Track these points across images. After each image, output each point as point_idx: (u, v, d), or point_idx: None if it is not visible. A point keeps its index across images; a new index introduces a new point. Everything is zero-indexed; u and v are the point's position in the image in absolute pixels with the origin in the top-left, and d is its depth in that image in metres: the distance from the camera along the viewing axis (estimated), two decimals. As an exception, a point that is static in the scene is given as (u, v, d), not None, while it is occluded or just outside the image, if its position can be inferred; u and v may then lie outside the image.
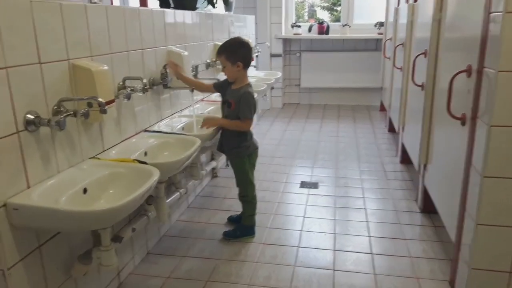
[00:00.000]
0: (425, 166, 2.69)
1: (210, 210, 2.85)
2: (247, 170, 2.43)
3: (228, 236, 2.47)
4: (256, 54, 4.46)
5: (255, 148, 2.45)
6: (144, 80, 2.00)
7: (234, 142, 2.38)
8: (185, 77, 2.40)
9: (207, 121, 2.30)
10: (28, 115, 1.37)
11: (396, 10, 4.29)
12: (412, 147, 3.20)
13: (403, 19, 3.79)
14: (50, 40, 1.46)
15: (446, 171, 2.21)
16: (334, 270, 2.17)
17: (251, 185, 2.46)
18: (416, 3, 3.24)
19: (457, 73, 1.84)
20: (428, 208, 2.74)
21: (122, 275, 2.08)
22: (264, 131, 4.78)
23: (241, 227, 2.50)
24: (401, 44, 3.75)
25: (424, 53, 2.76)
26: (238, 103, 2.29)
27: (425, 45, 2.77)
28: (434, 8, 2.45)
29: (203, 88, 2.52)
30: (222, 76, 3.36)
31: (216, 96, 3.26)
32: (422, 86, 2.79)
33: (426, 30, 2.74)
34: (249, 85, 2.34)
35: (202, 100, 3.08)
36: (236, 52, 2.26)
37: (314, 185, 3.24)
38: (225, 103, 2.37)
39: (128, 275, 2.13)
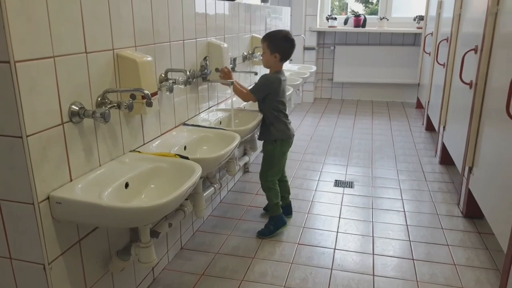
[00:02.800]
0: (470, 169, 2.55)
1: (242, 206, 2.79)
2: (275, 155, 2.41)
3: (263, 235, 2.40)
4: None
5: (289, 136, 2.41)
6: (188, 73, 1.94)
7: (269, 121, 2.37)
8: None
9: (224, 75, 2.33)
10: (73, 106, 1.33)
11: (440, 3, 4.09)
12: (455, 148, 3.05)
13: (448, 13, 3.61)
14: (97, 28, 1.41)
15: (498, 176, 2.08)
16: (374, 275, 2.08)
17: (274, 168, 2.43)
18: (466, -4, 3.06)
19: (522, 72, 1.71)
20: (471, 213, 2.61)
21: (156, 271, 2.04)
22: (295, 126, 4.67)
23: (272, 220, 2.44)
24: (445, 39, 3.58)
25: (475, 49, 2.60)
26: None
27: (475, 40, 2.61)
28: (490, 1, 2.30)
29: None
30: (257, 69, 3.30)
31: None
32: (470, 84, 2.64)
33: (477, 24, 2.59)
34: (279, 72, 2.37)
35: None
36: (278, 44, 2.32)
37: (349, 184, 3.14)
38: None
39: (162, 270, 2.10)
